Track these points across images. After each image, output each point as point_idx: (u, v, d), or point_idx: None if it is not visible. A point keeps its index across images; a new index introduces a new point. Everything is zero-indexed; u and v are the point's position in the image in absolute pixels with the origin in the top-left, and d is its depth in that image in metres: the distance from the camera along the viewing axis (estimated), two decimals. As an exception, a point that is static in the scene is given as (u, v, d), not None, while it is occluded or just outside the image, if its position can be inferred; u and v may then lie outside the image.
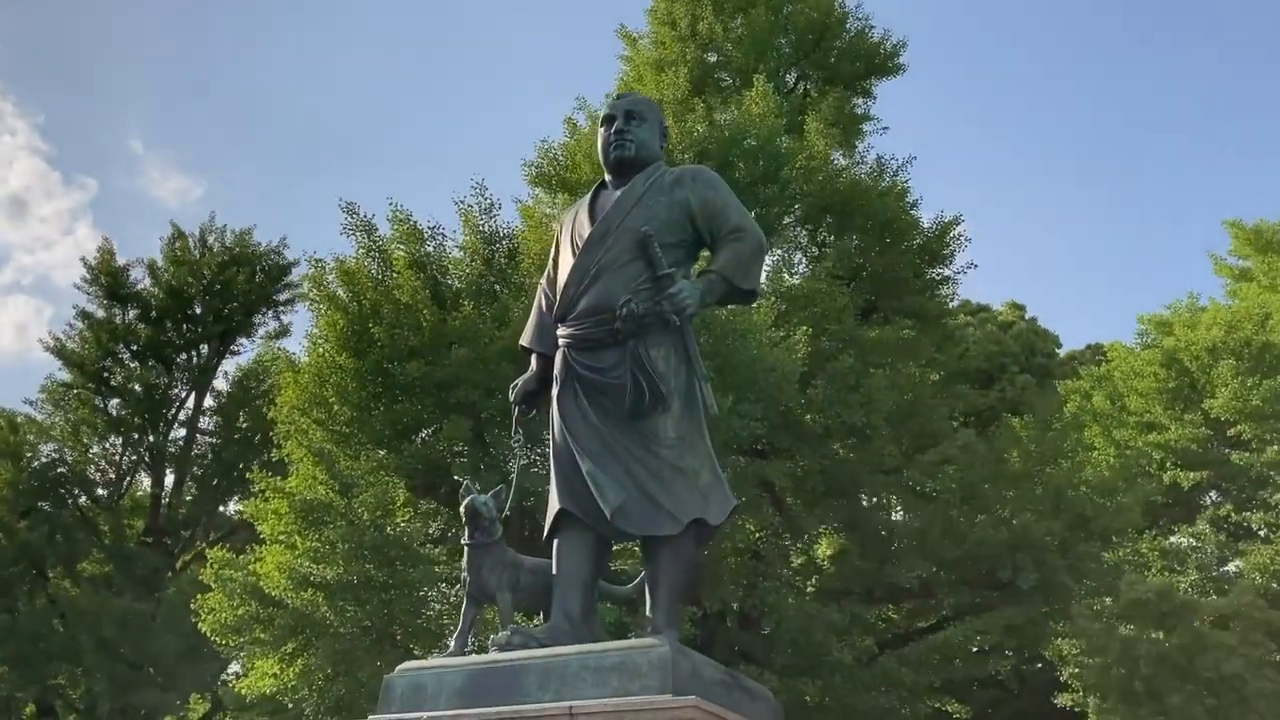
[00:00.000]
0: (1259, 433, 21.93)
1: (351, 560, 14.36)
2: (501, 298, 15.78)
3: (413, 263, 16.27)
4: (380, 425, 15.20)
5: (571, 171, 19.47)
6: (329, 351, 15.59)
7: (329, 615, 14.42)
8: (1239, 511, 22.43)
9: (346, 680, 14.65)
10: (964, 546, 16.99)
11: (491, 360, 14.81)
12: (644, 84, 21.63)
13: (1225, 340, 22.15)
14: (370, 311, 15.50)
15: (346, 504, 14.58)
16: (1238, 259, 27.00)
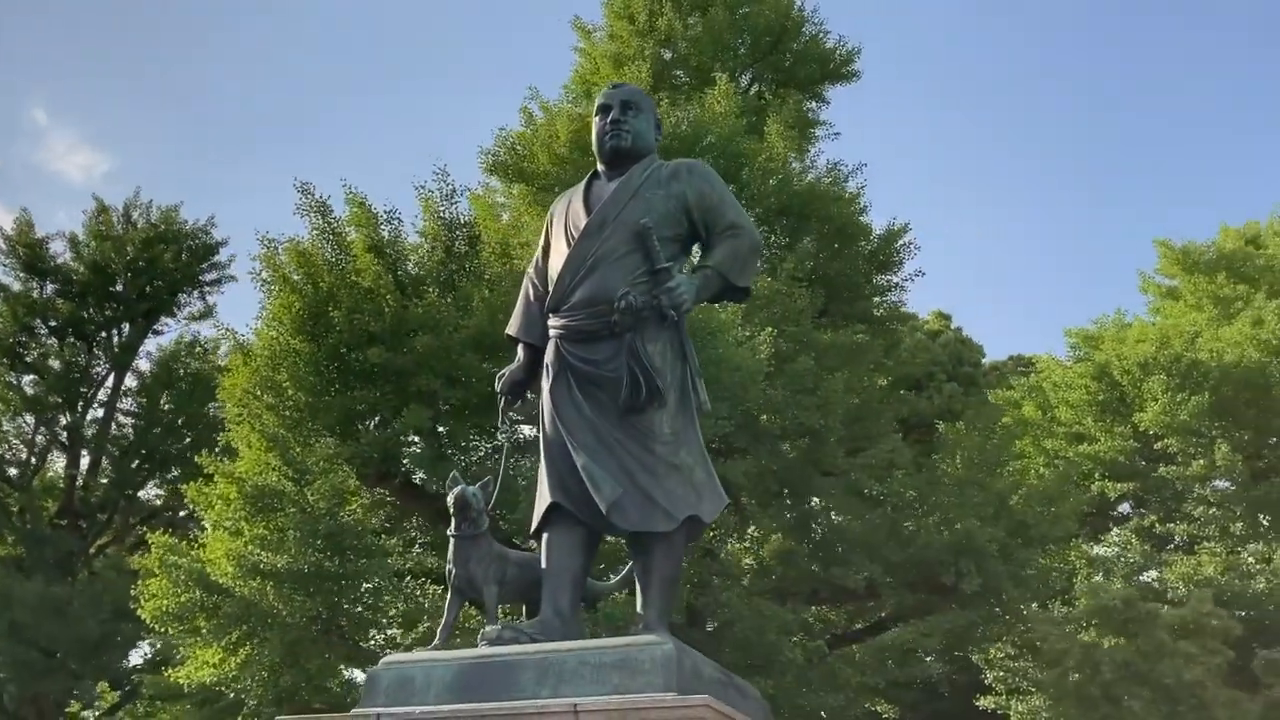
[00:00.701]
0: (1184, 447, 22.64)
1: (302, 548, 14.02)
2: (462, 286, 15.57)
3: (371, 247, 15.98)
4: (335, 412, 14.88)
5: (529, 161, 19.33)
6: (283, 334, 15.21)
7: (277, 604, 14.06)
8: (1162, 523, 23.13)
9: (293, 671, 14.32)
10: (909, 550, 17.23)
11: (454, 349, 14.62)
12: (600, 76, 21.55)
13: (1156, 356, 22.81)
14: (328, 295, 15.18)
15: (299, 491, 14.23)
16: (1165, 278, 27.85)
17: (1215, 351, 22.67)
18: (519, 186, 19.36)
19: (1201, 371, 22.54)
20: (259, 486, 14.36)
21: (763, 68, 22.48)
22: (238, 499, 14.52)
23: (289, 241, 16.08)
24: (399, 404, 14.76)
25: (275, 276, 15.63)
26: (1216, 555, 20.54)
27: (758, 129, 19.65)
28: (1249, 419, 22.50)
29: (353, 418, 14.99)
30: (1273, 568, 19.91)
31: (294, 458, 14.24)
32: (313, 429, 14.84)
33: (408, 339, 14.58)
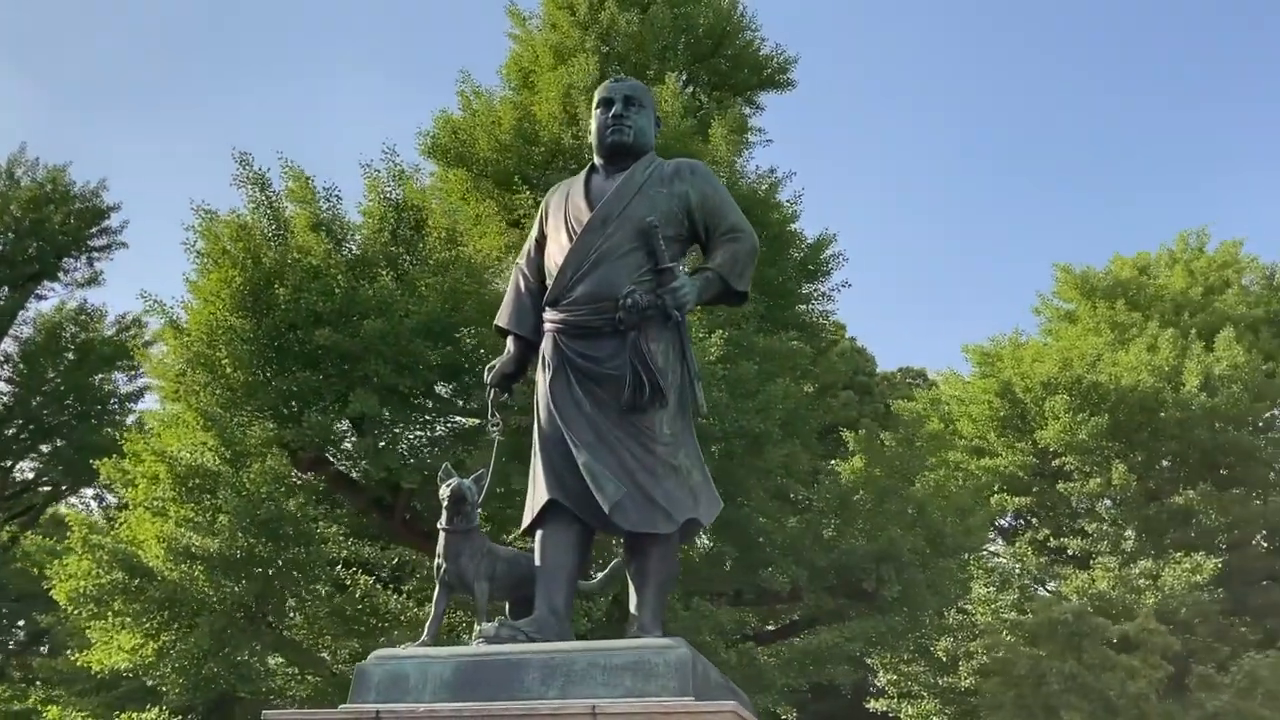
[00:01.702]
0: (1080, 465, 23.56)
1: (235, 533, 13.51)
2: (410, 270, 15.22)
3: (314, 224, 15.50)
4: (274, 393, 14.38)
5: (469, 146, 19.03)
6: (220, 310, 14.61)
7: (208, 590, 13.53)
8: (1056, 537, 24.05)
9: (220, 661, 13.78)
10: (832, 555, 17.53)
11: (404, 335, 14.27)
12: (540, 65, 21.30)
13: (1059, 376, 23.69)
14: (271, 272, 14.64)
15: (234, 474, 13.69)
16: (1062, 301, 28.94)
17: (1113, 375, 23.65)
18: (457, 171, 19.03)
19: (1100, 393, 23.50)
20: (191, 467, 13.76)
21: (700, 70, 22.54)
22: (167, 478, 13.90)
23: (230, 214, 15.49)
24: (343, 388, 14.34)
25: (214, 249, 15.00)
26: (1110, 570, 21.43)
27: (699, 131, 19.71)
28: (1142, 441, 23.54)
29: (293, 400, 14.48)
30: (1160, 583, 20.87)
31: (232, 439, 13.69)
32: (251, 410, 14.30)
33: (356, 321, 14.16)
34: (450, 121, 19.37)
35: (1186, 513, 22.71)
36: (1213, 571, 20.78)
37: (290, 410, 14.51)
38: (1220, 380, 23.40)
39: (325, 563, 14.05)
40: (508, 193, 18.85)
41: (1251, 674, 13.61)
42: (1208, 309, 26.24)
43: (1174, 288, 26.90)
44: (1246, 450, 23.48)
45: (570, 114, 18.51)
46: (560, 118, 18.46)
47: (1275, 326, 25.85)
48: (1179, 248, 29.51)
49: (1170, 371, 23.80)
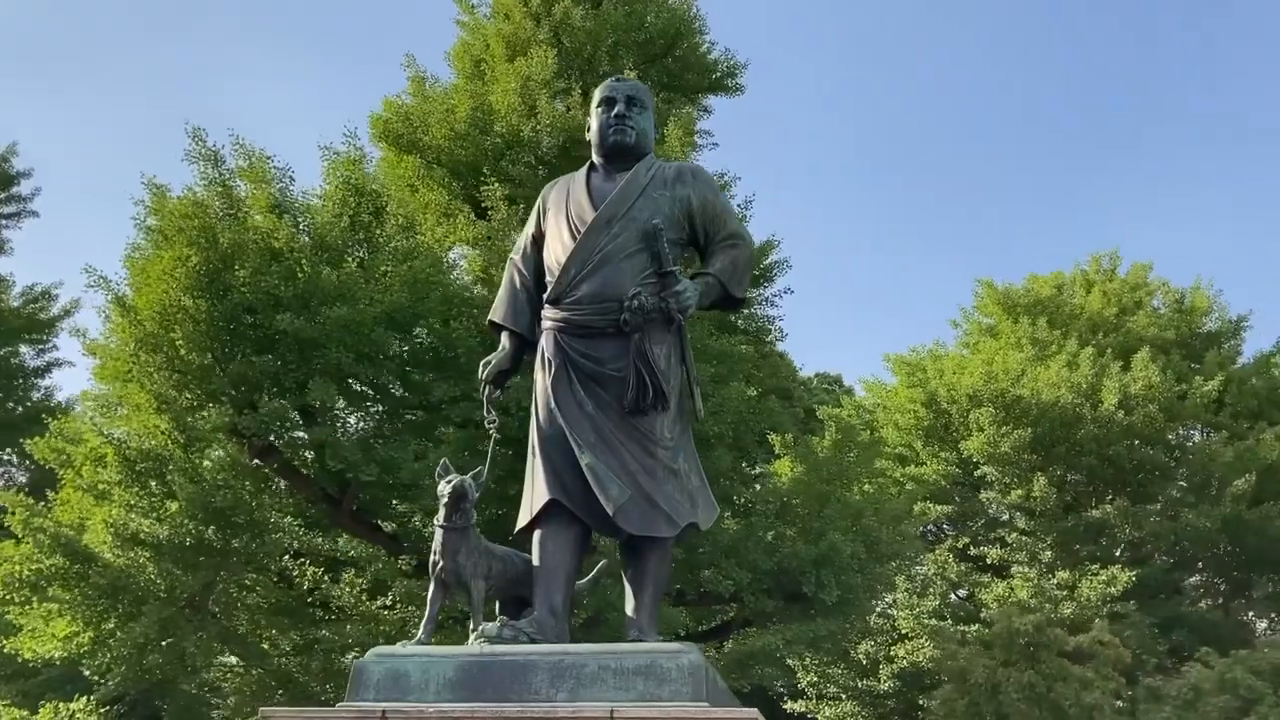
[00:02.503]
0: (1001, 476, 24.23)
1: (186, 520, 13.09)
2: (369, 258, 14.92)
3: (273, 206, 15.08)
4: (228, 379, 13.95)
5: (423, 133, 18.74)
6: (173, 290, 14.10)
7: (155, 578, 13.08)
8: (975, 545, 24.68)
9: (165, 650, 13.33)
10: (775, 558, 17.71)
11: (367, 324, 13.99)
12: (491, 55, 21.06)
13: (984, 389, 24.30)
14: (230, 253, 14.20)
15: (187, 459, 13.26)
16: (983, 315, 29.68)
17: (1035, 390, 24.35)
18: (409, 158, 18.70)
19: (1022, 408, 24.17)
20: (142, 450, 13.27)
21: (651, 70, 22.50)
22: (115, 461, 13.38)
23: (186, 191, 14.99)
24: (301, 376, 13.99)
25: (169, 226, 14.49)
26: (1029, 580, 22.08)
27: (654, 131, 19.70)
28: (1060, 455, 24.29)
29: (246, 386, 14.07)
30: (1077, 594, 21.56)
31: (188, 424, 13.25)
32: (201, 393, 13.86)
33: (318, 307, 13.82)
34: (402, 107, 19.05)
35: (1102, 526, 23.51)
36: (1126, 584, 21.55)
37: (243, 395, 14.10)
38: (1136, 399, 24.26)
39: (278, 552, 13.67)
40: (458, 181, 18.63)
41: (1196, 686, 14.19)
42: (1121, 329, 27.18)
43: (1090, 308, 27.80)
44: (1159, 468, 24.40)
45: (529, 106, 18.37)
46: (519, 109, 18.30)
47: (1184, 349, 26.88)
48: (1092, 269, 30.49)
49: (1088, 389, 24.59)
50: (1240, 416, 25.47)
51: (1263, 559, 23.09)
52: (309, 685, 14.08)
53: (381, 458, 13.87)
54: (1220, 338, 28.15)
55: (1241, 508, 22.57)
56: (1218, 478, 23.63)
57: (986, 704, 14.87)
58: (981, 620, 22.65)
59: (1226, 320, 28.53)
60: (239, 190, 15.56)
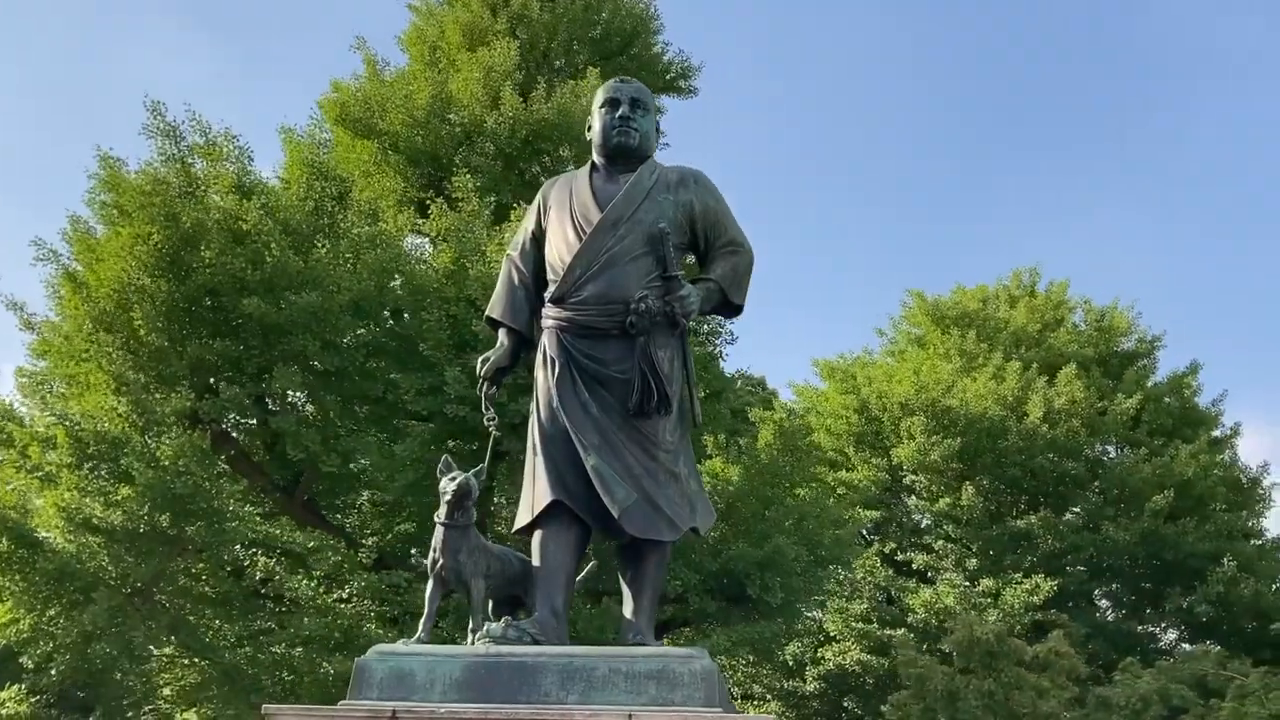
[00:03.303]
0: (929, 484, 24.74)
1: (141, 506, 12.69)
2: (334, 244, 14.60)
3: (238, 185, 14.68)
4: (187, 362, 13.56)
5: (380, 118, 18.43)
6: (132, 269, 13.64)
7: (106, 565, 12.66)
8: (902, 551, 25.16)
9: (112, 640, 12.91)
10: (719, 560, 17.83)
11: (334, 312, 13.72)
12: (447, 42, 20.80)
13: (915, 399, 24.77)
14: (194, 232, 13.78)
15: (143, 443, 12.84)
16: (911, 325, 30.23)
17: (963, 401, 24.92)
18: (365, 142, 18.35)
19: (951, 418, 24.72)
20: (97, 432, 12.81)
21: (607, 67, 22.48)
22: (66, 443, 12.90)
23: (146, 166, 14.53)
24: (264, 362, 13.66)
25: (130, 203, 14.02)
26: (956, 586, 22.60)
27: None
28: (986, 465, 24.89)
29: (207, 371, 13.69)
30: (1000, 600, 22.16)
31: (146, 406, 12.83)
32: (156, 375, 13.44)
33: (284, 292, 13.51)
34: (360, 90, 18.70)
35: (1025, 536, 24.16)
36: (1048, 593, 22.22)
37: (201, 380, 13.72)
38: (1060, 413, 24.98)
39: (236, 542, 13.31)
40: (415, 168, 18.37)
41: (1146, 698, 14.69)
42: (1044, 345, 27.92)
43: (1015, 322, 28.51)
44: (1079, 481, 25.16)
45: (492, 96, 18.19)
46: (482, 99, 18.11)
47: (1104, 366, 27.72)
48: (1013, 284, 31.26)
49: (1014, 401, 25.24)
50: (1156, 434, 26.37)
51: (1176, 573, 23.96)
52: (259, 678, 13.77)
53: (343, 448, 13.61)
54: (1137, 356, 29.10)
55: (1159, 522, 23.39)
56: (1134, 492, 24.43)
57: (944, 711, 15.18)
58: (907, 624, 23.13)
59: (1143, 339, 29.49)
60: (196, 168, 15.14)
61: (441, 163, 18.25)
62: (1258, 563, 24.44)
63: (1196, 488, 24.54)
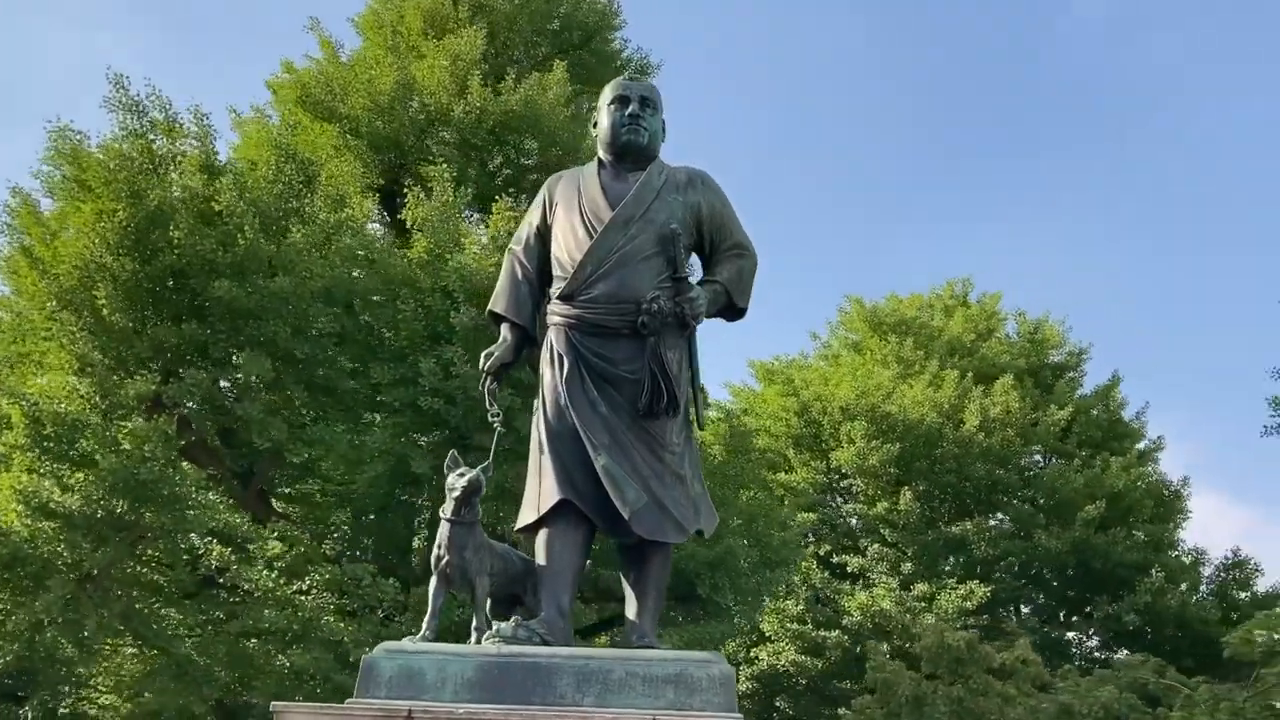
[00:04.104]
0: (866, 488, 25.09)
1: (101, 491, 12.29)
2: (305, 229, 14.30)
3: (205, 165, 14.28)
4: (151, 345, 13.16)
5: (341, 101, 18.09)
6: (95, 247, 13.19)
7: (62, 551, 12.23)
8: (838, 554, 25.47)
9: (62, 629, 12.47)
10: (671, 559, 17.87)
11: (305, 298, 13.42)
12: (407, 27, 20.48)
13: (856, 403, 25.09)
14: (161, 211, 13.37)
15: (106, 426, 12.43)
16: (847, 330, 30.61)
17: (902, 407, 25.33)
18: (328, 126, 17.99)
19: (890, 423, 25.10)
20: (56, 414, 12.36)
21: (567, 61, 22.33)
22: (22, 423, 12.42)
23: (110, 139, 14.06)
24: (231, 347, 13.31)
25: (94, 178, 13.55)
26: (892, 590, 22.97)
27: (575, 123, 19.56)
28: (923, 471, 25.33)
29: (171, 354, 13.30)
30: (935, 605, 22.57)
31: (110, 388, 12.41)
32: (126, 358, 13.03)
33: (256, 276, 13.17)
34: (321, 73, 18.33)
35: (960, 542, 24.63)
36: (982, 599, 22.69)
37: (165, 364, 13.32)
38: (995, 422, 25.52)
39: (198, 530, 12.94)
40: (377, 154, 18.07)
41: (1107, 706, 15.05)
42: (977, 354, 28.49)
43: (951, 331, 29.04)
44: (1013, 489, 25.74)
45: (459, 84, 17.96)
46: (449, 87, 17.87)
47: (1035, 377, 28.37)
48: (946, 294, 31.85)
49: (950, 409, 25.72)
50: (1084, 445, 27.06)
51: (1104, 582, 24.63)
52: (212, 669, 13.43)
53: (309, 438, 13.33)
54: (1066, 368, 29.83)
55: (1090, 532, 24.02)
56: (1065, 501, 25.03)
57: (909, 716, 15.39)
58: (842, 627, 23.43)
59: (1072, 352, 30.25)
60: (159, 145, 14.71)
61: (404, 150, 17.98)
62: (1180, 574, 25.28)
63: (1125, 499, 25.24)
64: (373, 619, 13.94)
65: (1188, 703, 15.01)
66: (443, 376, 13.03)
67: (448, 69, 17.98)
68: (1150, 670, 17.42)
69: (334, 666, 13.34)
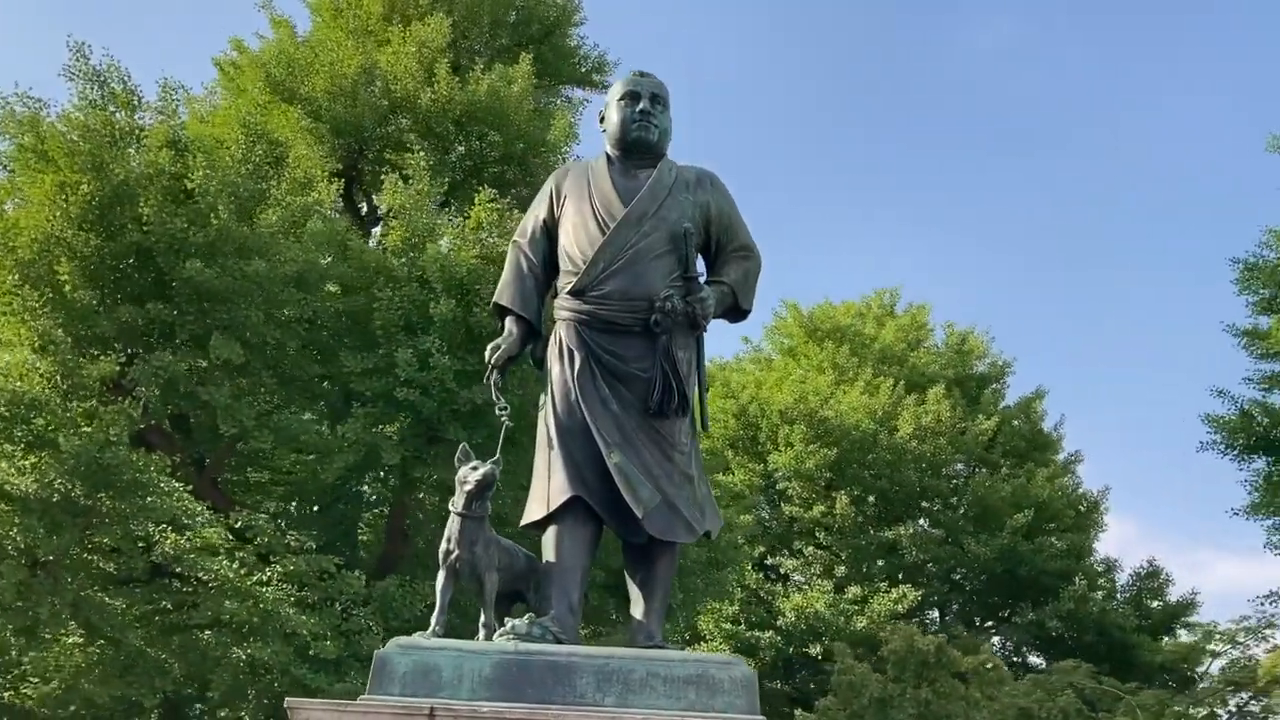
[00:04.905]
0: (801, 492, 25.36)
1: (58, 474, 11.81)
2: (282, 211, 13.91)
3: (171, 141, 13.80)
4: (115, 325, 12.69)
5: (302, 83, 17.69)
6: (57, 221, 12.67)
7: (16, 536, 11.71)
8: (772, 556, 25.70)
9: (10, 616, 11.94)
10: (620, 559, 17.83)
11: (277, 282, 13.07)
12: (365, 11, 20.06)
13: (795, 407, 25.35)
14: (128, 186, 12.89)
15: (66, 407, 11.95)
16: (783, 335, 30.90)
17: (839, 413, 25.67)
18: (291, 109, 17.54)
19: (827, 428, 25.42)
20: (14, 393, 11.82)
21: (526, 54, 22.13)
22: (-28, 400, 11.85)
23: (71, 109, 13.53)
24: (199, 330, 12.90)
25: (54, 149, 13.02)
26: (825, 592, 23.29)
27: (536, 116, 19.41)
28: (856, 476, 25.70)
29: (135, 335, 12.84)
30: (868, 608, 22.95)
31: (72, 368, 11.93)
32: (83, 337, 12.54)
33: (227, 258, 12.78)
34: (284, 54, 17.88)
35: (892, 546, 25.05)
36: (913, 602, 23.14)
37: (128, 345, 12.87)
38: (927, 430, 26.01)
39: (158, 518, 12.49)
40: (339, 138, 17.71)
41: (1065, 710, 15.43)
42: (907, 363, 29.00)
43: (884, 340, 29.52)
44: (943, 496, 26.27)
45: (427, 72, 17.68)
46: (416, 75, 17.58)
47: (962, 387, 28.98)
48: (876, 302, 32.35)
49: (884, 416, 26.15)
50: (1009, 455, 27.74)
51: (1029, 588, 25.28)
52: (163, 661, 13.01)
53: (277, 426, 12.99)
54: (990, 380, 30.54)
55: (1018, 540, 24.62)
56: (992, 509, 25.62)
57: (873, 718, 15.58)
58: (775, 628, 23.67)
59: (995, 364, 30.97)
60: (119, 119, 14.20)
61: (364, 136, 17.65)
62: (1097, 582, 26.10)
63: (1050, 509, 25.92)
64: (332, 611, 13.65)
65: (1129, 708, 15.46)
66: (419, 367, 12.81)
67: (414, 55, 17.68)
68: (1085, 675, 17.89)
69: (293, 660, 13.04)
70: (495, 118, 17.45)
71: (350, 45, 18.39)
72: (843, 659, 17.16)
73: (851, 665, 16.69)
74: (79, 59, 14.16)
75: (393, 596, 13.57)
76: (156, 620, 14.01)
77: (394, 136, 17.20)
